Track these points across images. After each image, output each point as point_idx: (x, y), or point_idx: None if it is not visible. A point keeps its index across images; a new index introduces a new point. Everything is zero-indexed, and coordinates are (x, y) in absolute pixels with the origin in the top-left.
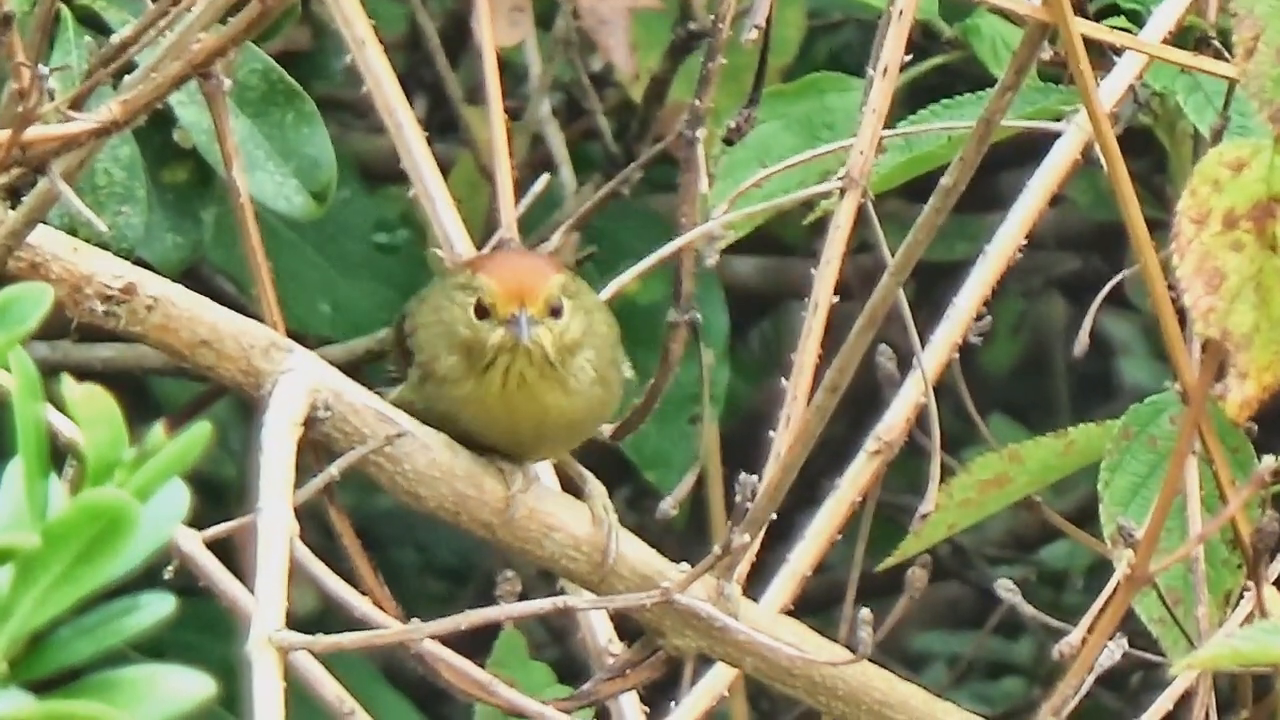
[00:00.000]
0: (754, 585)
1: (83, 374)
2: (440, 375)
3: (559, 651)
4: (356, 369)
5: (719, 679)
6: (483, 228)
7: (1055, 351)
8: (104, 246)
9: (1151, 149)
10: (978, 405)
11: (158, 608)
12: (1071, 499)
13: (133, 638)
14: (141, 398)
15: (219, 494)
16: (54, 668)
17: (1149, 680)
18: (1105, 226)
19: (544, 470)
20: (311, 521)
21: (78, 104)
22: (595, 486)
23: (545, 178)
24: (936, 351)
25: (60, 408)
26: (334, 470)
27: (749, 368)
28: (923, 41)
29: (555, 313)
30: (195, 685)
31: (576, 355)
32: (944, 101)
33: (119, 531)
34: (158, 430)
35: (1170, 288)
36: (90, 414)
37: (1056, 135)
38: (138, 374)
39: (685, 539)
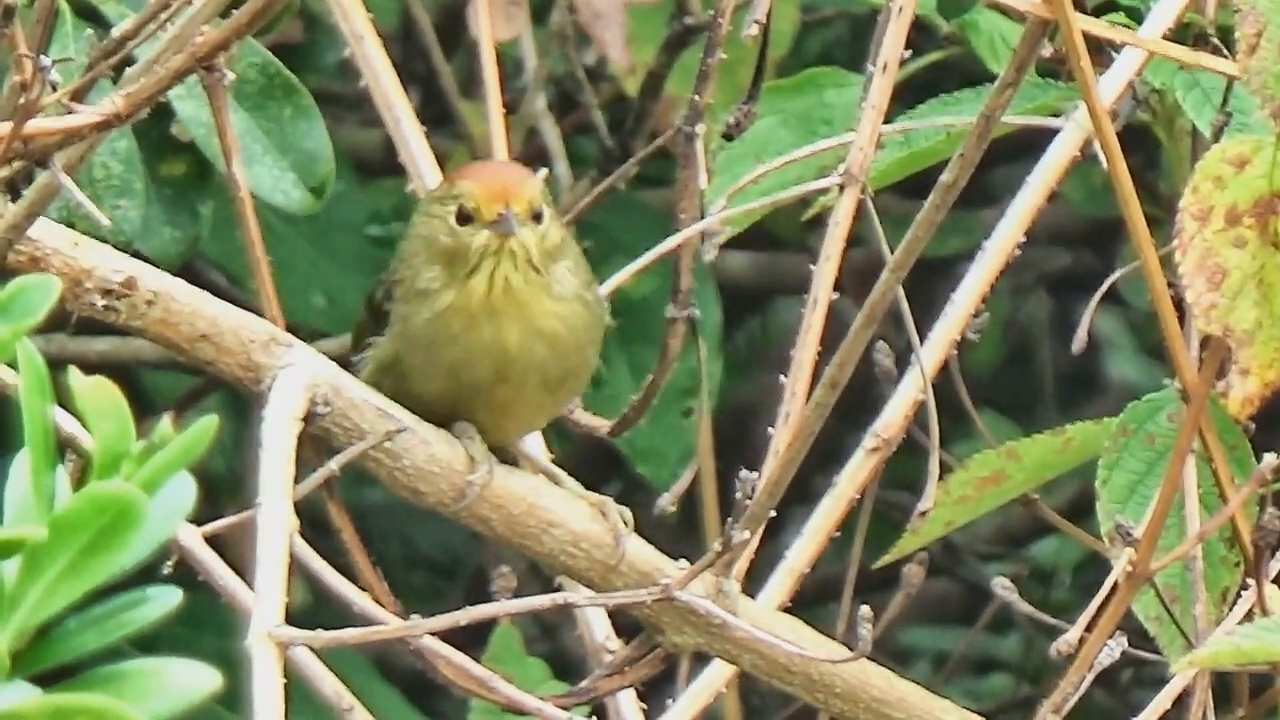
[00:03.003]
0: (748, 582)
1: (78, 367)
2: (420, 289)
3: (550, 646)
4: (349, 363)
5: (716, 676)
6: None
7: (1040, 346)
8: (101, 240)
9: (1144, 145)
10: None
11: (165, 601)
12: (1063, 495)
13: (139, 631)
14: (134, 391)
15: (210, 488)
16: (60, 660)
17: (1139, 677)
18: (1097, 222)
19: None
20: (301, 515)
21: (79, 97)
22: (573, 485)
23: (542, 172)
24: (934, 349)
25: (59, 401)
26: (334, 465)
27: (737, 361)
28: (917, 37)
29: (537, 217)
30: (201, 678)
31: (558, 262)
32: (942, 97)
33: (126, 524)
34: (165, 423)
35: (1169, 284)
36: (97, 406)
37: (1054, 131)
38: (132, 367)
39: (677, 533)
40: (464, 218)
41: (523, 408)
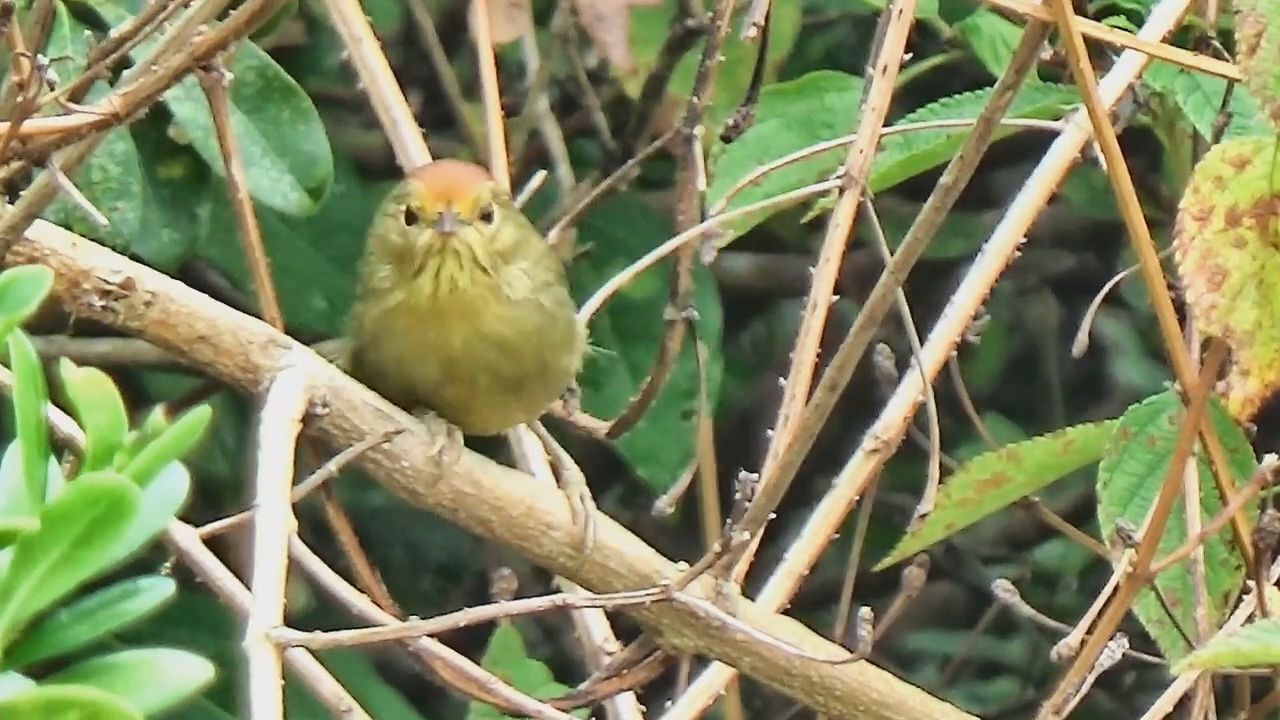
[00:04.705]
0: (748, 584)
1: None
2: (374, 288)
3: (552, 649)
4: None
5: (715, 678)
6: None
7: (1047, 351)
8: (99, 243)
9: (1146, 148)
10: (970, 404)
11: (158, 592)
12: (1066, 499)
13: (132, 622)
14: (135, 393)
15: (212, 490)
16: (52, 652)
17: (1143, 681)
18: (1100, 224)
19: (541, 470)
20: (302, 518)
21: (76, 97)
22: (574, 474)
23: (542, 174)
24: (934, 350)
25: (57, 403)
26: (332, 467)
27: (740, 365)
28: (919, 40)
29: (486, 217)
30: (193, 670)
31: (510, 264)
32: (943, 100)
33: (119, 515)
34: (157, 414)
35: (1170, 286)
36: (90, 398)
37: (1054, 134)
38: (133, 369)
39: (677, 536)
40: (411, 217)
41: (482, 406)
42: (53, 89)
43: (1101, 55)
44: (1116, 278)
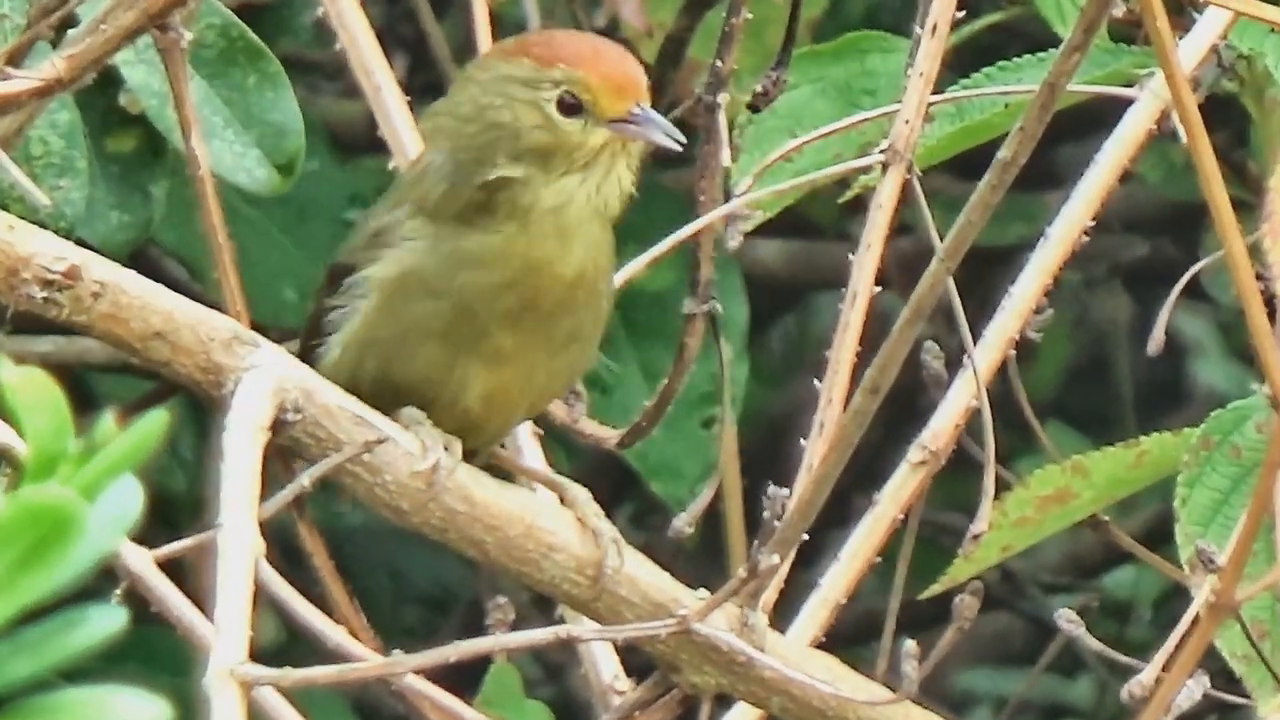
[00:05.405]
0: (778, 614)
1: None
2: (502, 186)
3: (554, 689)
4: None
5: None
6: None
7: (1117, 349)
8: (40, 225)
9: (1231, 119)
10: (1031, 410)
11: (107, 622)
12: (1140, 518)
13: (78, 656)
14: (83, 396)
15: (168, 508)
16: None
17: None
18: (1178, 206)
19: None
20: (271, 540)
21: (15, 60)
22: (579, 491)
23: None
24: (990, 349)
25: None
26: (305, 480)
27: (768, 367)
28: None
29: None
30: (148, 711)
31: None
32: (1000, 64)
33: (63, 535)
34: (108, 420)
35: (1258, 276)
36: (30, 401)
37: (1127, 102)
38: (79, 369)
39: (697, 560)
40: (570, 109)
41: (515, 380)
42: None
43: (1181, 12)
44: (1197, 267)
